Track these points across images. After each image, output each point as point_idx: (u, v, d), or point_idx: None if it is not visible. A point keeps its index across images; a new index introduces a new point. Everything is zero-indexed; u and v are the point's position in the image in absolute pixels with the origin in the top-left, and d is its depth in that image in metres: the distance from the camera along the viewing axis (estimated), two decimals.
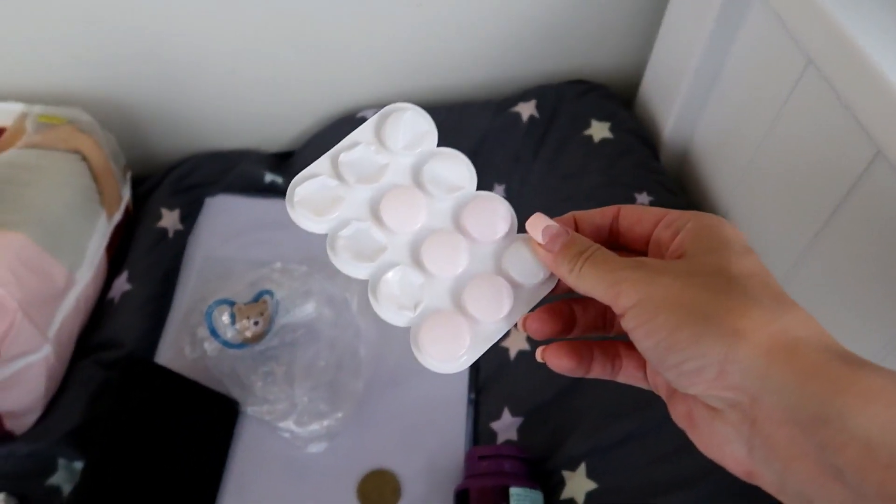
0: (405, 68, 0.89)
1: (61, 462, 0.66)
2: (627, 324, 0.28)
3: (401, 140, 0.33)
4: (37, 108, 0.78)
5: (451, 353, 0.31)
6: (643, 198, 0.78)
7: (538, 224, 0.32)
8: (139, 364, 0.66)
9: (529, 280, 0.32)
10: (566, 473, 0.65)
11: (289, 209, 0.32)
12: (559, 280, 0.32)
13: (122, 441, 0.63)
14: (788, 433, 0.24)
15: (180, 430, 0.66)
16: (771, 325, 0.25)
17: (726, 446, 0.27)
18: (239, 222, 0.84)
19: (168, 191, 0.85)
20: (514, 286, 0.32)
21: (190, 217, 0.84)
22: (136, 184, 0.87)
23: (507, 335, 0.74)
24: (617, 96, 0.91)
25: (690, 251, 0.29)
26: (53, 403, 0.68)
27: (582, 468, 0.64)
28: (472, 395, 0.71)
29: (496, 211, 0.33)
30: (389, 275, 0.31)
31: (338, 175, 0.33)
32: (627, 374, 0.33)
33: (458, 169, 0.34)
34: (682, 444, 0.64)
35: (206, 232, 0.83)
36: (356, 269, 0.32)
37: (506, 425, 0.70)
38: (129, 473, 0.62)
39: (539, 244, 0.31)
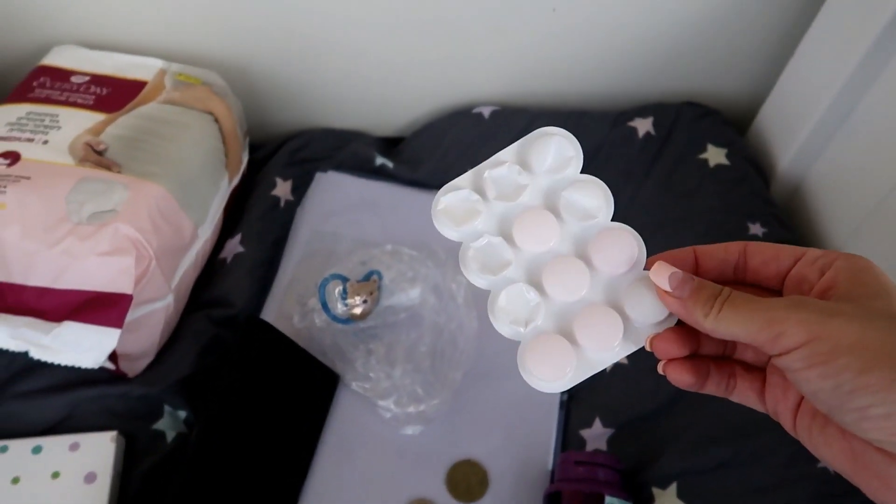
0: (527, 70, 0.90)
1: (167, 409, 0.68)
2: (794, 364, 0.27)
3: (545, 164, 0.35)
4: (175, 67, 0.80)
5: (552, 376, 0.33)
6: (756, 228, 0.78)
7: (663, 272, 0.32)
8: (258, 325, 0.68)
9: (645, 320, 0.33)
10: (656, 490, 0.65)
11: (432, 215, 0.35)
12: (676, 321, 0.33)
13: (230, 396, 0.65)
14: None
15: (285, 395, 0.67)
16: None
17: None
18: (346, 200, 0.86)
19: (283, 161, 0.87)
20: (627, 322, 0.33)
21: (300, 189, 0.86)
22: (251, 150, 0.90)
23: None
24: (732, 122, 0.90)
25: (848, 293, 0.28)
26: (164, 352, 0.71)
27: (673, 488, 0.64)
28: (565, 398, 0.72)
29: (624, 246, 0.34)
30: (507, 290, 0.33)
31: (479, 190, 0.35)
32: (741, 395, 0.33)
33: (594, 197, 0.34)
34: (780, 480, 0.64)
35: (314, 205, 0.85)
36: (480, 280, 0.34)
37: (596, 434, 0.70)
38: (232, 428, 0.64)
39: (666, 292, 0.31)
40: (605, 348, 0.33)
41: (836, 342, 0.26)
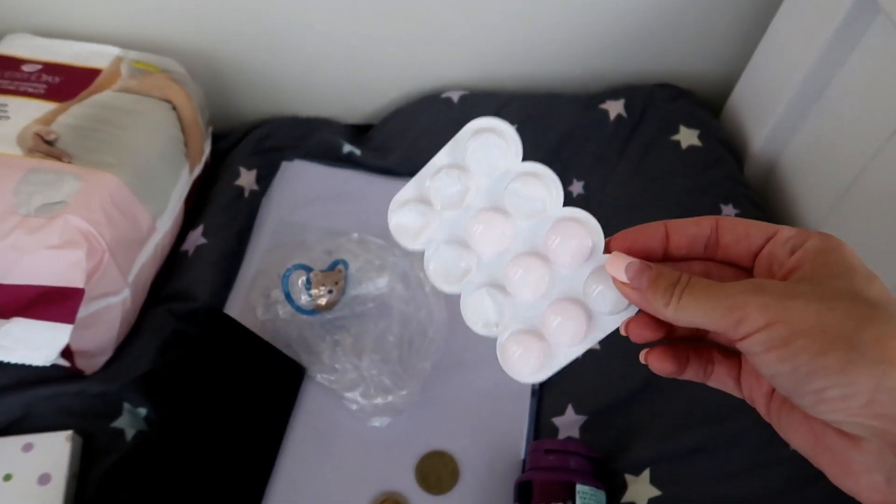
0: (496, 53, 0.88)
1: (126, 406, 0.66)
2: (754, 347, 0.27)
3: (483, 161, 0.34)
4: (132, 54, 0.78)
5: (530, 370, 0.34)
6: (729, 210, 0.77)
7: (619, 263, 0.31)
8: (219, 318, 0.66)
9: (608, 310, 0.33)
10: (629, 477, 0.64)
11: (391, 232, 0.35)
12: (638, 310, 0.32)
13: (192, 391, 0.63)
14: None
15: (249, 389, 0.66)
16: None
17: (863, 475, 0.27)
18: (314, 189, 0.84)
19: (247, 150, 0.85)
20: (591, 313, 0.33)
21: (266, 179, 0.84)
22: (214, 140, 0.87)
23: None
24: (705, 104, 0.89)
25: (812, 273, 0.28)
26: (123, 348, 0.69)
27: (646, 474, 0.63)
28: (536, 387, 0.71)
29: (577, 236, 0.33)
30: (473, 297, 0.34)
31: (425, 198, 0.35)
32: (718, 380, 0.33)
33: (540, 189, 0.34)
34: (753, 464, 0.63)
35: (280, 195, 0.83)
36: (447, 287, 0.35)
37: (569, 422, 0.69)
38: (194, 424, 0.63)
39: (623, 283, 0.31)
40: (570, 343, 0.33)
41: (793, 325, 0.26)
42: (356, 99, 0.93)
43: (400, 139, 0.87)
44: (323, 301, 0.69)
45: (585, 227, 0.33)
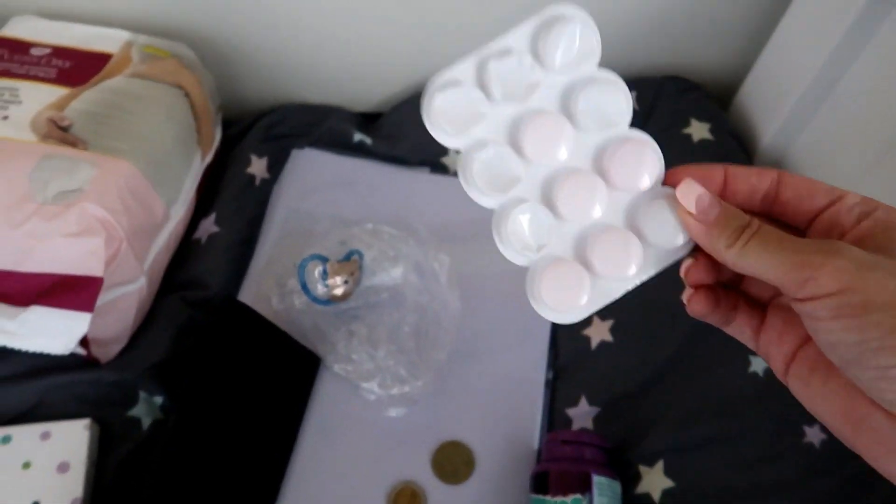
0: None
1: (142, 395, 0.66)
2: (818, 311, 0.26)
3: (560, 57, 0.30)
4: (142, 39, 0.77)
5: (566, 304, 0.29)
6: None
7: (691, 192, 0.29)
8: (235, 306, 0.66)
9: (664, 243, 0.30)
10: (643, 468, 0.64)
11: (423, 115, 0.29)
12: (694, 246, 0.30)
13: (208, 380, 0.63)
14: None
15: (265, 378, 0.66)
16: None
17: None
18: (324, 177, 0.84)
19: (258, 138, 0.84)
20: (646, 245, 0.30)
21: (276, 167, 0.84)
22: (224, 127, 0.87)
23: (589, 323, 0.74)
24: (715, 97, 0.90)
25: (884, 247, 0.27)
26: (137, 336, 0.68)
27: (660, 465, 0.64)
28: (550, 376, 0.71)
29: (644, 159, 0.30)
30: (517, 211, 0.29)
31: (482, 85, 0.29)
32: (737, 329, 0.32)
33: (615, 101, 0.30)
34: (765, 455, 0.64)
35: (290, 184, 0.83)
36: (486, 199, 0.30)
37: (582, 413, 0.69)
38: (211, 413, 0.62)
39: (689, 213, 0.29)
40: (622, 274, 0.30)
41: (869, 296, 0.25)
42: (367, 87, 0.92)
43: (411, 128, 0.87)
44: (339, 291, 0.69)
45: (652, 152, 0.30)
